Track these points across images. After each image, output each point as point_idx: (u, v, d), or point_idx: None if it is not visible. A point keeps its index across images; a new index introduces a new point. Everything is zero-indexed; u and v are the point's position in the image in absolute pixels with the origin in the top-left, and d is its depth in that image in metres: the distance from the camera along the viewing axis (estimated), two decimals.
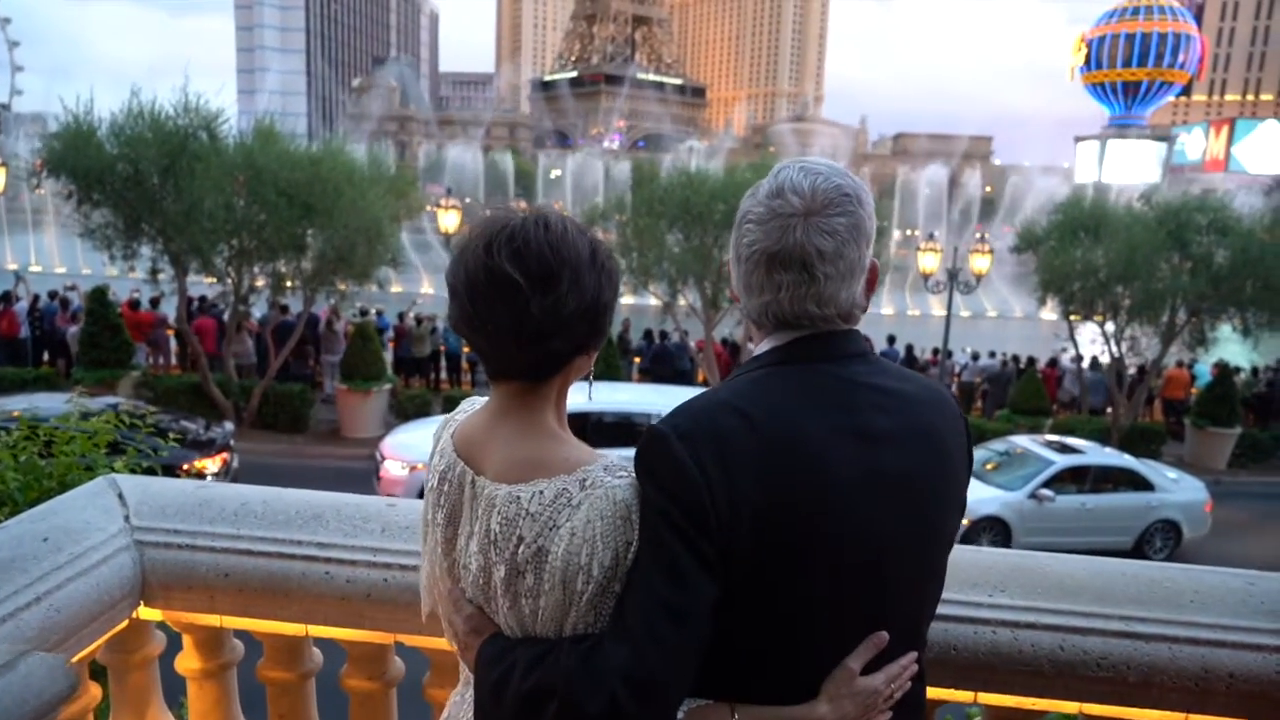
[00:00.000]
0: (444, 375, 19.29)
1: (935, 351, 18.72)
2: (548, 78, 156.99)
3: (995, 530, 11.45)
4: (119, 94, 13.00)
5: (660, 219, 16.34)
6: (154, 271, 13.63)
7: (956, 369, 19.99)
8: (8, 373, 14.74)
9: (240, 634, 2.02)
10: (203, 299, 17.47)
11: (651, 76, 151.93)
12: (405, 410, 15.89)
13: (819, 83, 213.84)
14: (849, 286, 1.23)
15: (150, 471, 2.82)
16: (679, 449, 1.12)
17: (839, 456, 1.15)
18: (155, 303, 16.73)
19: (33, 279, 19.53)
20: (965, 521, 11.01)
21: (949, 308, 18.16)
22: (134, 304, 16.92)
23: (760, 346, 1.29)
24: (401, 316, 19.34)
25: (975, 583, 1.64)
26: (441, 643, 1.75)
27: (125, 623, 1.86)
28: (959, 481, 1.29)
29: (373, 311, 18.79)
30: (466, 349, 18.11)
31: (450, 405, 16.29)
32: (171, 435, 10.81)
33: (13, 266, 25.24)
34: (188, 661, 1.98)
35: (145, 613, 1.89)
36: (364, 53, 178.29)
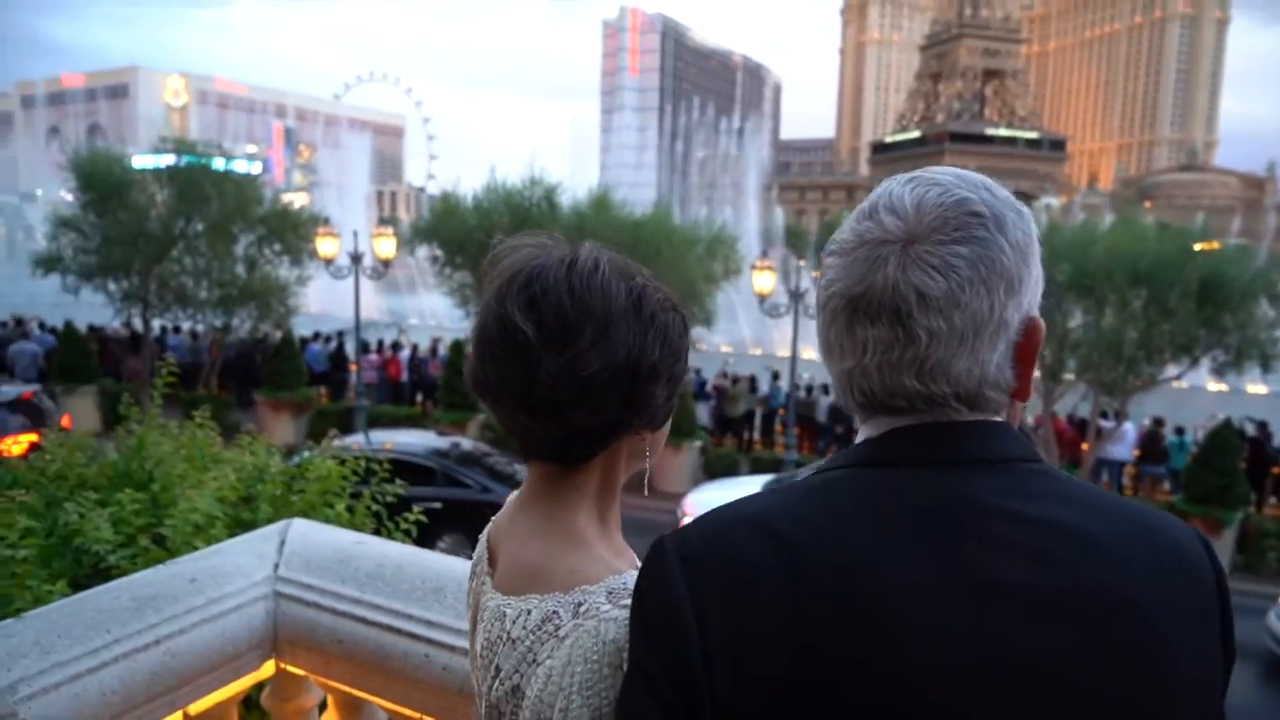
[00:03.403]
0: (757, 435, 19.22)
1: None
2: (888, 139, 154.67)
3: None
4: (497, 172, 14.91)
5: None
6: None
7: None
8: (387, 410, 17.33)
9: None
10: None
11: (1002, 132, 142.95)
12: (714, 468, 16.03)
13: (1211, 126, 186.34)
14: (972, 353, 0.79)
15: (377, 517, 2.94)
16: (676, 579, 0.76)
17: (932, 621, 0.71)
18: None
19: (411, 330, 22.99)
20: None
21: None
22: None
23: (858, 436, 0.88)
24: (723, 375, 19.68)
25: None
26: None
27: (273, 670, 1.86)
28: (1183, 695, 0.74)
29: (691, 372, 19.39)
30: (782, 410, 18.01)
31: (759, 466, 16.22)
32: (500, 475, 11.77)
33: (412, 322, 30.02)
34: None
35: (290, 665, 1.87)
36: (711, 126, 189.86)
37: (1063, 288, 14.18)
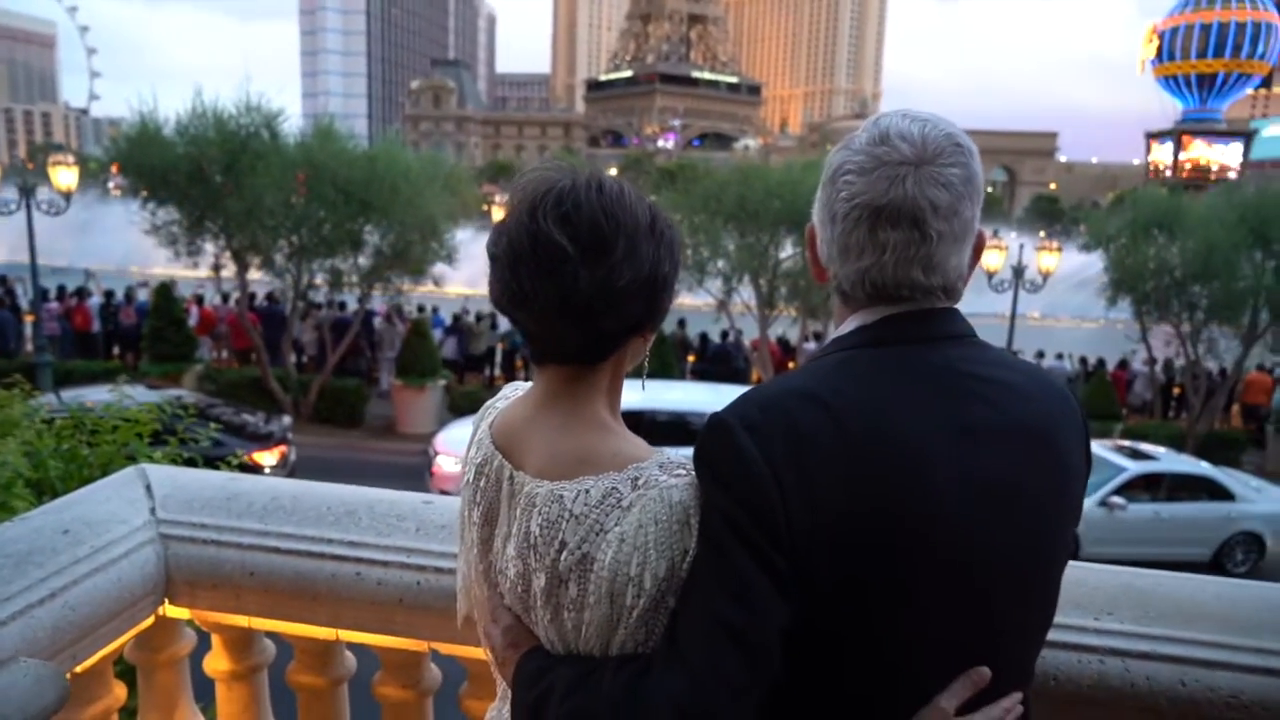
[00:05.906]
0: (499, 371, 19.34)
1: None
2: (603, 77, 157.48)
3: None
4: (189, 96, 13.30)
5: (716, 216, 16.13)
6: (216, 268, 13.91)
7: None
8: (78, 365, 15.18)
9: (272, 635, 1.91)
10: (269, 295, 17.81)
11: (706, 75, 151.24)
12: (460, 406, 15.93)
13: (877, 80, 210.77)
14: (959, 251, 1.06)
15: (191, 462, 2.75)
16: (745, 441, 0.95)
17: (939, 459, 0.97)
18: (226, 299, 17.11)
19: (105, 277, 20.15)
20: None
21: (1013, 307, 17.60)
22: (199, 299, 17.34)
23: (844, 326, 1.11)
24: (465, 312, 19.40)
25: (1079, 603, 1.44)
26: (479, 652, 1.62)
27: (151, 620, 1.77)
28: (1075, 491, 1.09)
29: (428, 309, 18.92)
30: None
31: None
32: (230, 427, 10.78)
33: (95, 267, 26.14)
34: (216, 662, 1.88)
35: (172, 610, 1.79)
36: (423, 55, 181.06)
37: (775, 222, 15.69)
